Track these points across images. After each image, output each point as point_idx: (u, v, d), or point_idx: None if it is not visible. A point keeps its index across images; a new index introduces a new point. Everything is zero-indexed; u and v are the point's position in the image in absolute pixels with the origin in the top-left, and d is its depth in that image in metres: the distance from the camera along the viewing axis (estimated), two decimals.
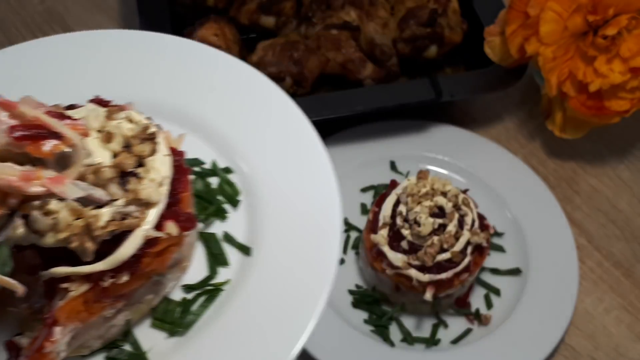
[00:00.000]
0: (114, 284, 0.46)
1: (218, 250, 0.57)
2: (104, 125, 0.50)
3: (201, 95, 0.64)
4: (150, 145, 0.50)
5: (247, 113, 0.63)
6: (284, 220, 0.57)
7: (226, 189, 0.61)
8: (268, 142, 0.62)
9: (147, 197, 0.47)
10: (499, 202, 0.95)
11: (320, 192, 0.60)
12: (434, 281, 0.79)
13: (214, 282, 0.56)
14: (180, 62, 0.66)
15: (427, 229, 0.78)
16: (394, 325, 0.85)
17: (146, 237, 0.47)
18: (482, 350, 0.83)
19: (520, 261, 0.90)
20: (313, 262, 0.55)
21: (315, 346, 0.80)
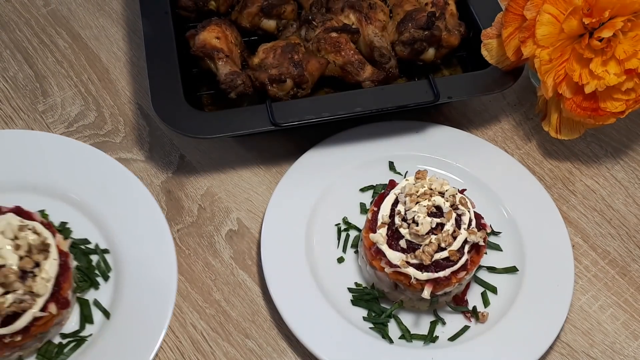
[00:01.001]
0: (11, 341, 0.73)
1: (88, 312, 0.82)
2: (16, 235, 0.73)
3: (92, 190, 0.89)
4: (44, 254, 0.74)
5: (121, 207, 0.89)
6: (136, 292, 0.83)
7: (101, 266, 0.85)
8: (132, 231, 0.87)
9: (37, 291, 0.72)
10: (495, 201, 0.96)
11: (166, 272, 0.84)
12: (432, 279, 0.80)
13: (81, 334, 0.81)
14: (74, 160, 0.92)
15: (425, 228, 0.80)
16: (393, 323, 0.86)
17: (34, 316, 0.72)
18: (479, 347, 0.84)
19: (517, 260, 0.92)
20: (152, 323, 0.80)
21: (315, 343, 0.81)
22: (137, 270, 0.84)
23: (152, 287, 0.83)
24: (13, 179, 0.89)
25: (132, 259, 0.85)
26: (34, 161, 0.90)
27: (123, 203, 0.89)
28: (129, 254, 0.86)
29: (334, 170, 0.97)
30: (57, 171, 0.90)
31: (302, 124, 0.92)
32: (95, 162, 0.92)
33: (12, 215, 0.76)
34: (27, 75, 1.09)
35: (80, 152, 0.92)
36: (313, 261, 0.89)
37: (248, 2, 1.03)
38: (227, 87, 0.93)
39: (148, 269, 0.84)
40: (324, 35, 0.99)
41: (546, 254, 0.91)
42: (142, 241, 0.86)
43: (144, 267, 0.84)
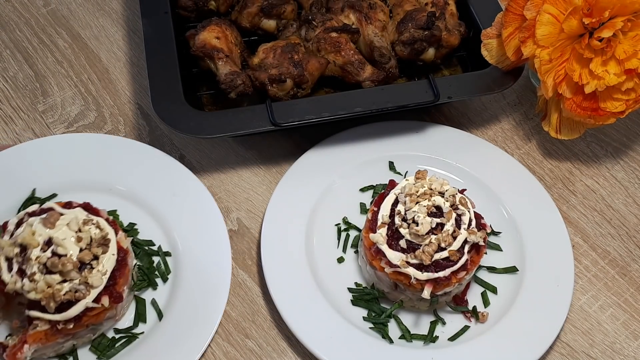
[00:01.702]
0: (64, 328, 0.76)
1: (142, 311, 0.85)
2: (80, 228, 0.78)
3: (163, 196, 0.93)
4: (104, 248, 0.78)
5: (188, 215, 0.92)
6: (190, 297, 0.85)
7: (162, 268, 0.88)
8: (194, 238, 0.90)
9: (92, 282, 0.76)
10: (495, 201, 0.96)
11: (219, 283, 0.86)
12: (432, 279, 0.80)
13: (134, 331, 0.84)
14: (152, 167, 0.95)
15: (425, 228, 0.80)
16: (393, 323, 0.86)
17: (87, 306, 0.76)
18: (479, 347, 0.84)
19: (517, 260, 0.92)
20: (200, 328, 0.83)
21: (315, 343, 0.81)
22: (193, 275, 0.87)
23: (205, 293, 0.85)
24: (92, 179, 0.93)
25: (191, 264, 0.88)
26: (113, 165, 0.95)
27: (191, 211, 0.92)
28: (188, 260, 0.88)
29: (334, 170, 0.97)
30: (133, 176, 0.94)
31: (302, 124, 0.92)
32: (170, 170, 0.95)
33: (80, 209, 0.80)
34: (27, 75, 1.09)
35: (158, 159, 0.95)
36: (313, 261, 0.89)
37: (248, 2, 1.03)
38: (227, 87, 0.93)
39: (204, 275, 0.87)
40: (324, 35, 0.99)
41: (546, 254, 0.91)
42: (203, 249, 0.89)
43: (200, 273, 0.87)
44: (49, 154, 0.94)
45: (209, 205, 0.92)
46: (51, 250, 0.75)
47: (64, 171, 0.93)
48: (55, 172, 0.93)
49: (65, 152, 0.95)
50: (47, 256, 0.75)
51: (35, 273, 0.74)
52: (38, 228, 0.77)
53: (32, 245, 0.75)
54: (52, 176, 0.93)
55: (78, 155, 0.95)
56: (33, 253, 0.75)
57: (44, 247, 0.76)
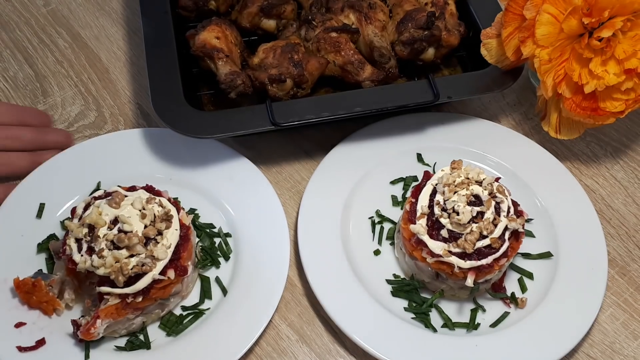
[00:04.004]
0: (133, 302, 0.79)
1: (207, 288, 0.88)
2: (143, 206, 0.81)
3: (221, 182, 0.96)
4: (167, 223, 0.81)
5: (245, 197, 0.95)
6: (251, 274, 0.88)
7: (223, 248, 0.91)
8: (253, 218, 0.93)
9: (157, 255, 0.79)
10: (524, 188, 0.98)
11: (279, 260, 0.89)
12: (475, 267, 0.81)
13: (200, 307, 0.87)
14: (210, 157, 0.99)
15: (466, 217, 0.80)
16: (434, 312, 0.87)
17: (154, 278, 0.79)
18: (521, 332, 0.85)
19: (550, 245, 0.93)
20: (262, 303, 0.86)
21: (361, 335, 0.82)
22: (253, 254, 0.90)
23: (265, 271, 0.88)
24: (152, 171, 0.97)
25: (250, 244, 0.91)
26: (171, 157, 0.98)
27: (247, 195, 0.95)
28: (248, 240, 0.91)
29: (363, 164, 0.98)
30: (190, 165, 0.98)
31: (302, 124, 0.92)
32: (225, 157, 0.98)
33: (143, 191, 0.84)
34: (27, 75, 1.09)
35: (215, 148, 0.99)
36: (351, 255, 0.90)
37: (248, 2, 1.03)
38: (227, 87, 0.93)
39: (264, 253, 0.90)
40: (323, 35, 0.99)
41: (578, 239, 0.93)
42: (261, 229, 0.92)
43: (260, 252, 0.90)
44: (110, 150, 0.98)
45: (264, 188, 0.95)
46: (117, 228, 0.79)
47: (126, 166, 0.97)
48: (117, 167, 0.97)
49: (124, 147, 0.98)
50: (114, 233, 0.78)
51: (103, 250, 0.77)
52: (104, 208, 0.80)
53: (99, 224, 0.78)
54: (114, 171, 0.96)
55: (137, 150, 0.99)
56: (100, 232, 0.78)
57: (111, 226, 0.79)
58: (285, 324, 0.88)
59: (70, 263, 0.80)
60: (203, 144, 0.98)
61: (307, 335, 0.88)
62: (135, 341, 0.84)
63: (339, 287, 0.86)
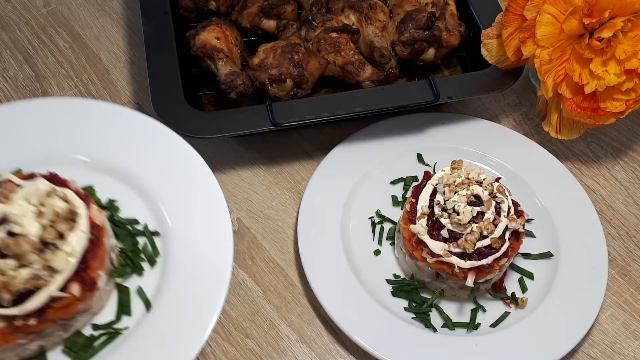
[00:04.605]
0: (25, 325, 0.62)
1: (126, 302, 0.72)
2: (41, 201, 0.64)
3: (143, 163, 0.79)
4: (71, 224, 0.64)
5: (179, 186, 0.77)
6: (184, 282, 0.72)
7: (149, 250, 0.75)
8: (190, 214, 0.76)
9: (56, 266, 0.62)
10: (524, 188, 0.98)
11: (220, 264, 0.73)
12: (475, 267, 0.81)
13: (116, 326, 0.71)
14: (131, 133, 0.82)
15: (466, 217, 0.80)
16: (434, 312, 0.87)
17: (51, 296, 0.62)
18: (521, 332, 0.85)
19: (550, 245, 0.93)
20: (197, 319, 0.69)
21: (362, 336, 0.82)
22: (188, 257, 0.73)
23: (201, 280, 0.72)
24: (61, 151, 0.79)
25: (184, 246, 0.74)
26: (87, 133, 0.80)
27: (181, 183, 0.78)
28: (181, 241, 0.74)
29: (363, 164, 0.98)
30: (110, 144, 0.80)
31: (302, 124, 0.92)
32: (156, 137, 0.81)
33: (44, 181, 0.66)
34: (27, 76, 1.09)
35: (143, 124, 0.81)
36: (350, 255, 0.90)
37: (248, 2, 1.03)
38: (227, 87, 0.93)
39: (201, 257, 0.73)
40: (324, 36, 0.99)
41: (578, 239, 0.93)
42: (198, 226, 0.75)
43: (196, 255, 0.73)
44: (9, 124, 0.79)
45: (203, 174, 0.79)
46: (5, 229, 0.61)
47: (28, 143, 0.78)
48: (17, 144, 0.78)
49: (29, 121, 0.79)
50: (0, 237, 0.61)
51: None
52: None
53: None
54: (13, 150, 0.77)
55: (45, 124, 0.80)
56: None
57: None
58: (285, 324, 0.88)
59: None
60: (127, 119, 0.84)
61: (307, 335, 0.88)
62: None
63: (339, 287, 0.86)
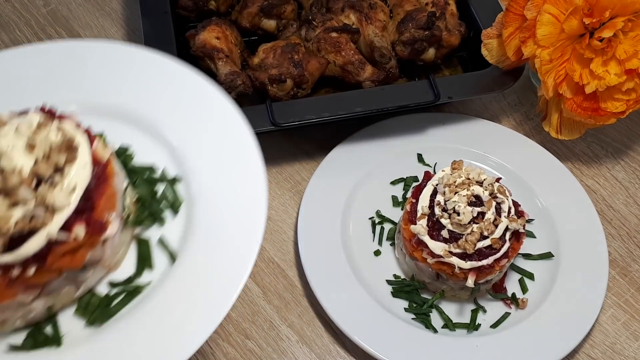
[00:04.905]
0: (22, 275, 0.52)
1: (146, 254, 0.62)
2: (33, 135, 0.55)
3: (156, 103, 0.70)
4: (69, 155, 0.55)
5: (198, 125, 0.69)
6: (214, 231, 0.62)
7: (169, 197, 0.66)
8: (214, 155, 0.67)
9: (54, 203, 0.52)
10: (525, 188, 0.97)
11: (252, 207, 0.63)
12: (475, 268, 0.81)
13: (136, 282, 0.61)
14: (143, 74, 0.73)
15: (467, 218, 0.80)
16: (435, 313, 0.87)
17: (50, 238, 0.52)
18: (522, 333, 0.85)
19: (550, 246, 0.93)
20: (229, 275, 0.59)
21: (361, 336, 0.82)
22: (215, 203, 0.64)
23: (233, 225, 0.63)
24: (67, 96, 0.70)
25: (210, 189, 0.65)
26: (99, 76, 0.72)
27: (203, 122, 0.70)
28: (206, 184, 0.66)
29: (363, 165, 0.98)
30: (125, 87, 0.72)
31: (302, 124, 0.92)
32: (172, 73, 0.73)
33: (36, 113, 0.58)
34: None
35: (158, 63, 0.73)
36: (351, 255, 0.90)
37: (248, 2, 1.03)
38: (227, 87, 0.93)
39: (230, 202, 0.64)
40: (324, 35, 0.99)
41: (579, 239, 0.93)
42: (225, 168, 0.66)
43: (224, 200, 0.65)
44: (10, 69, 0.71)
45: (228, 114, 0.70)
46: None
47: (29, 89, 0.69)
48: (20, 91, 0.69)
49: (33, 65, 0.71)
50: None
51: None
52: None
53: None
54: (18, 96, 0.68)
55: (49, 68, 0.71)
56: None
57: None
58: (285, 324, 0.88)
59: None
60: (140, 58, 0.75)
61: (307, 335, 0.88)
62: (39, 336, 0.57)
63: (339, 288, 0.86)
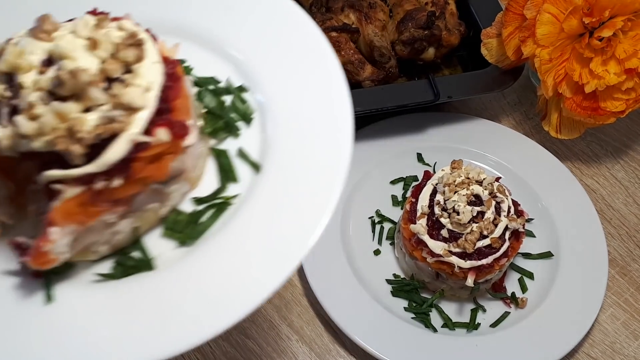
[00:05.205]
0: (107, 188, 0.47)
1: (228, 166, 0.57)
2: (92, 34, 0.49)
3: (218, 14, 0.63)
4: (137, 51, 0.49)
5: (263, 32, 0.62)
6: (296, 138, 0.57)
7: (239, 107, 0.60)
8: (282, 60, 0.61)
9: (130, 102, 0.47)
10: (525, 188, 0.97)
11: (333, 108, 0.57)
12: (475, 267, 0.81)
13: (224, 195, 0.56)
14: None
15: (466, 217, 0.80)
16: (434, 312, 0.87)
17: (134, 141, 0.47)
18: (522, 332, 0.85)
19: (550, 245, 0.93)
20: (321, 181, 0.54)
21: (361, 335, 0.82)
22: (291, 112, 0.58)
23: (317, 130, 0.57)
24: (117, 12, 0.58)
25: (283, 96, 0.59)
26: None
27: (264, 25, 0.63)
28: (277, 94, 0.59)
29: (363, 164, 0.98)
30: None
31: None
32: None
33: (90, 16, 0.51)
34: None
35: None
36: (350, 254, 0.90)
37: None
38: None
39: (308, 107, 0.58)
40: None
41: (579, 239, 0.93)
42: (297, 72, 0.60)
43: (301, 107, 0.58)
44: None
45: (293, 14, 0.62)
46: (55, 69, 0.47)
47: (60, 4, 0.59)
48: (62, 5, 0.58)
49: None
50: (50, 77, 0.47)
51: (34, 105, 0.46)
52: (27, 44, 0.48)
53: (21, 68, 0.47)
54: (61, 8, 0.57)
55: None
56: (25, 79, 0.47)
57: (43, 69, 0.48)
58: (285, 324, 0.88)
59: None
60: None
61: (307, 335, 0.88)
62: (127, 261, 0.52)
63: (339, 287, 0.86)
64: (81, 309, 0.48)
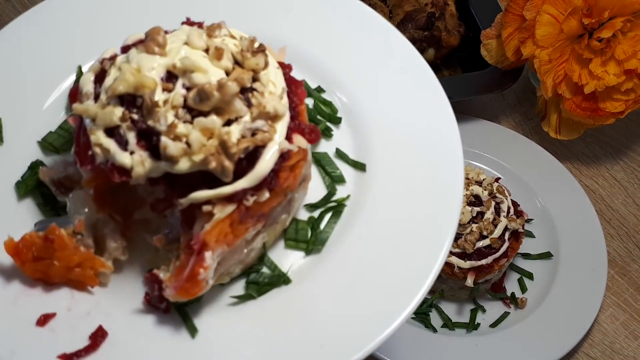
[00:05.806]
0: (256, 203, 0.45)
1: (333, 168, 0.56)
2: (208, 44, 0.47)
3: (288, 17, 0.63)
4: (262, 58, 0.47)
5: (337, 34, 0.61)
6: (390, 137, 0.56)
7: (324, 109, 0.58)
8: (359, 60, 0.60)
9: (273, 110, 0.45)
10: (524, 188, 0.97)
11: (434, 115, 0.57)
12: (475, 267, 0.81)
13: (335, 198, 0.55)
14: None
15: (466, 217, 0.81)
16: (434, 312, 0.87)
17: (281, 150, 0.46)
18: (521, 332, 0.85)
19: (549, 246, 0.93)
20: (434, 174, 0.53)
21: None
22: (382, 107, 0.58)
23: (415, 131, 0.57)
24: None
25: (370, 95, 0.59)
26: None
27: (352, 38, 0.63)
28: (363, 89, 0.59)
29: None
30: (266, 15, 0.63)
31: None
32: None
33: (188, 26, 0.50)
34: None
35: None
36: None
37: None
38: None
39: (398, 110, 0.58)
40: None
41: (578, 239, 0.93)
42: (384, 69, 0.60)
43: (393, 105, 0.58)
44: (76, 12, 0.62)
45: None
46: (181, 84, 0.45)
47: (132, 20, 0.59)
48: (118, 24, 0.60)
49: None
50: (181, 93, 0.44)
51: (175, 125, 0.43)
52: (141, 60, 0.45)
53: (145, 87, 0.44)
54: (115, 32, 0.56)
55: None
56: (155, 97, 0.44)
57: (167, 86, 0.45)
58: None
59: (115, 175, 0.44)
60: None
61: None
62: (260, 278, 0.50)
63: None
64: (228, 335, 0.46)
